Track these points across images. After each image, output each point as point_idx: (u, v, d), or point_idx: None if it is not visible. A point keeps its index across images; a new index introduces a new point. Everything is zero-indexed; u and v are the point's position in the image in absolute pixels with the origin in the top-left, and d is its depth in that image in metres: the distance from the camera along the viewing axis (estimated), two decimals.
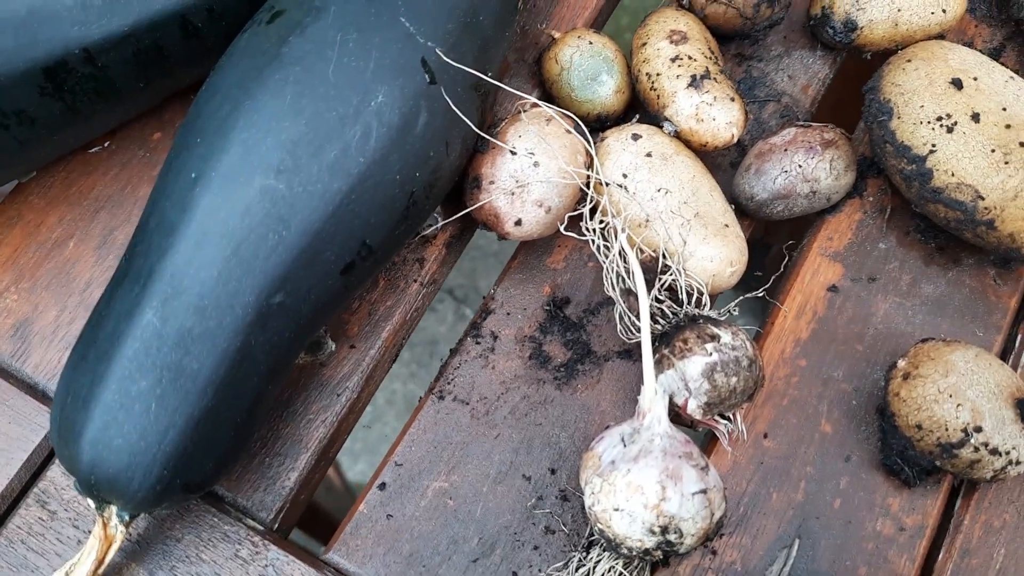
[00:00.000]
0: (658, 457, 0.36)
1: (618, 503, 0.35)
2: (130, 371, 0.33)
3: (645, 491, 0.35)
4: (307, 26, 0.36)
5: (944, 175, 0.41)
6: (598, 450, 0.37)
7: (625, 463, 0.36)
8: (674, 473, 0.35)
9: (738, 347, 0.38)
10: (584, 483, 0.37)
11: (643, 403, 0.38)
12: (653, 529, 0.35)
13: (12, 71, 0.38)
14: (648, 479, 0.35)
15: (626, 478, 0.35)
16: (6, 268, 0.44)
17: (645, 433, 0.37)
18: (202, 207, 0.34)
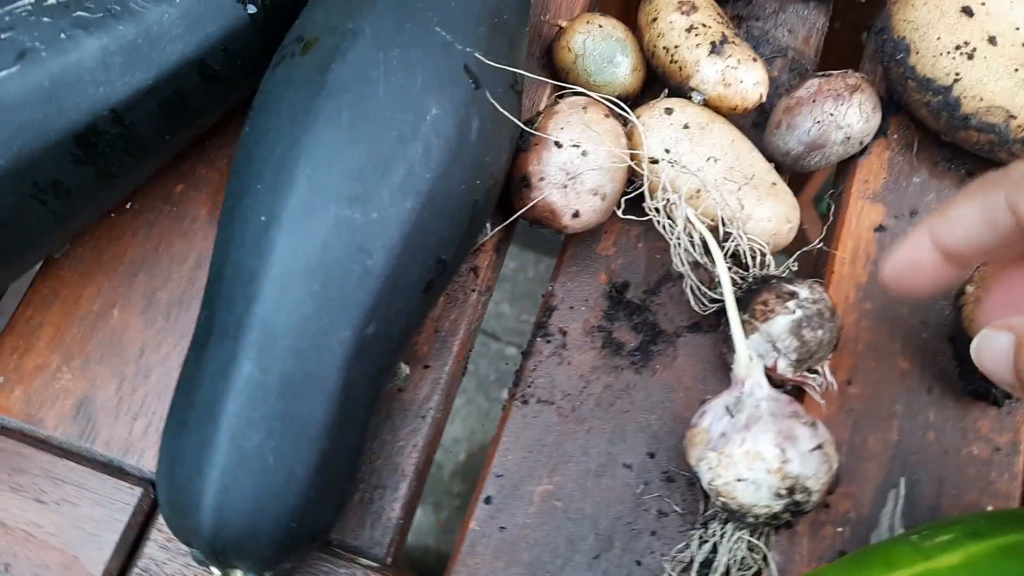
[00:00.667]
0: (768, 421, 0.36)
1: (740, 473, 0.35)
2: (240, 428, 0.32)
3: (765, 457, 0.35)
4: (346, 51, 0.35)
5: (973, 101, 0.42)
6: (704, 425, 0.37)
7: (738, 433, 0.36)
8: (788, 434, 0.35)
9: (818, 300, 0.39)
10: (696, 460, 0.37)
11: (738, 371, 0.38)
12: (780, 492, 0.35)
13: (45, 143, 0.36)
14: (765, 444, 0.35)
15: (743, 447, 0.35)
16: (53, 348, 0.43)
17: (749, 400, 0.37)
18: (280, 249, 0.33)
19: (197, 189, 0.46)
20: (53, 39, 0.36)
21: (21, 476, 0.40)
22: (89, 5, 0.37)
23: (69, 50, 0.36)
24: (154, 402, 0.42)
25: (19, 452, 0.41)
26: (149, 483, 0.41)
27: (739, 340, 0.38)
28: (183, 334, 0.43)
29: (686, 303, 0.44)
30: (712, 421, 0.37)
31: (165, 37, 0.39)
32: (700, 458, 0.37)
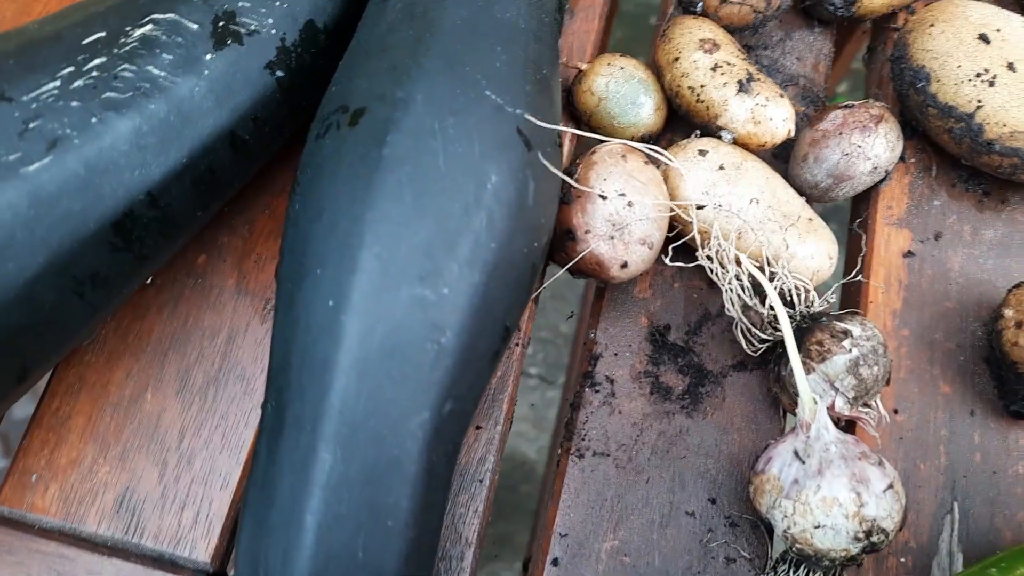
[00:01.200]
0: (840, 465, 0.36)
1: (818, 520, 0.35)
2: (327, 525, 0.31)
3: (842, 502, 0.35)
4: (400, 120, 0.34)
5: (996, 127, 0.43)
6: (773, 472, 0.38)
7: (811, 479, 0.36)
8: (861, 476, 0.36)
9: (871, 336, 0.39)
10: (768, 508, 0.37)
11: (803, 415, 0.38)
12: (858, 536, 0.35)
13: (84, 235, 0.34)
14: (841, 490, 0.35)
15: (819, 495, 0.36)
16: (86, 440, 0.41)
17: (817, 444, 0.37)
18: (353, 334, 0.32)
19: (221, 258, 0.45)
20: (84, 124, 0.34)
21: None
22: (118, 85, 0.35)
23: (102, 134, 0.35)
24: (201, 488, 0.40)
25: (61, 554, 0.39)
26: (204, 573, 0.39)
27: (802, 384, 0.38)
28: (223, 414, 0.41)
29: (728, 342, 0.45)
30: (781, 468, 0.37)
31: (197, 112, 0.37)
32: (772, 506, 0.37)
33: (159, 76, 0.36)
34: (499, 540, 1.17)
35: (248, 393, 0.42)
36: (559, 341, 1.33)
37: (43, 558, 0.39)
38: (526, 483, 1.24)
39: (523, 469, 1.23)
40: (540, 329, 1.31)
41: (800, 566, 0.37)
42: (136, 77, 0.36)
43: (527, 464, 1.25)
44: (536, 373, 1.30)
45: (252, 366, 0.42)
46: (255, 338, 0.43)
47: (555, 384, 1.31)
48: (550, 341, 1.31)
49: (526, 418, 1.27)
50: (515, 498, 1.21)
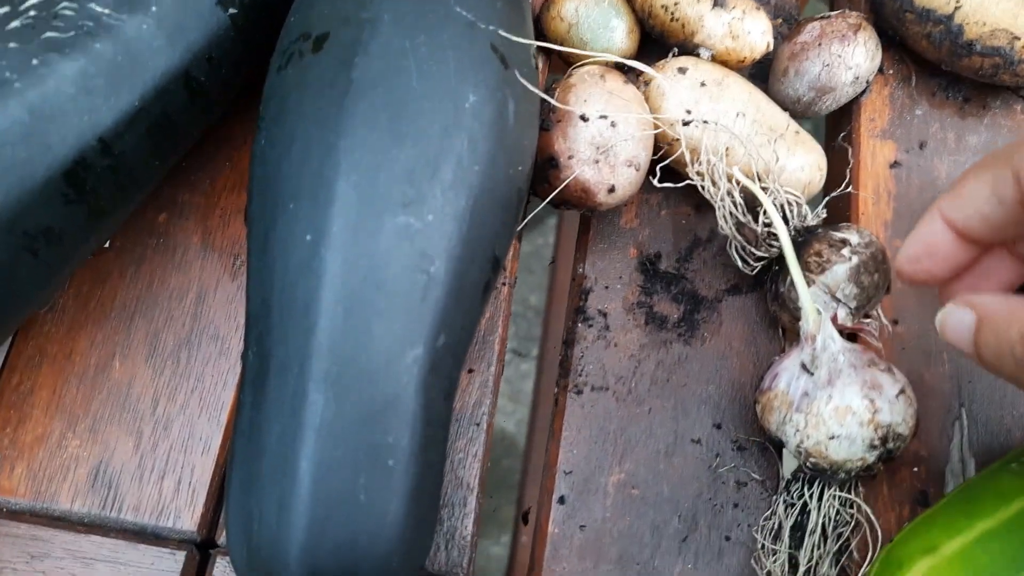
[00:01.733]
0: (851, 374, 0.35)
1: (832, 431, 0.34)
2: (322, 469, 0.29)
3: (855, 410, 0.34)
4: (367, 42, 0.32)
5: (976, 27, 0.42)
6: (781, 387, 0.36)
7: (822, 390, 0.35)
8: (873, 383, 0.35)
9: (869, 243, 0.38)
10: (777, 425, 0.36)
11: (807, 327, 0.37)
12: (874, 444, 0.34)
13: (33, 186, 0.31)
14: (854, 397, 0.34)
15: (831, 404, 0.34)
16: (51, 415, 0.38)
17: (824, 355, 0.36)
18: (335, 269, 0.30)
19: (183, 216, 0.42)
20: (24, 67, 0.32)
21: (43, 562, 0.36)
22: (59, 24, 0.33)
23: (45, 77, 0.32)
24: (180, 456, 0.38)
25: (35, 535, 0.36)
26: (192, 544, 0.37)
27: (804, 295, 0.37)
28: (199, 376, 0.39)
29: (721, 266, 0.43)
30: (789, 382, 0.36)
31: (147, 52, 0.34)
32: (783, 422, 0.36)
33: (102, 14, 0.34)
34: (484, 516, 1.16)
35: (223, 353, 0.39)
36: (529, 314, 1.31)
37: (15, 541, 0.36)
38: (507, 457, 1.23)
39: (503, 443, 1.22)
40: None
41: (814, 482, 0.36)
42: (77, 15, 0.33)
43: (506, 438, 1.24)
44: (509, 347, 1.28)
45: (225, 325, 0.40)
46: (226, 296, 0.41)
47: (528, 356, 1.29)
48: (520, 315, 1.30)
49: (502, 393, 1.25)
50: (497, 472, 1.20)
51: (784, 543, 0.37)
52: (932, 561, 0.32)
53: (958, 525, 0.33)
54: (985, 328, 0.30)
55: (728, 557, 0.38)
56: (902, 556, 0.33)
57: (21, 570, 0.36)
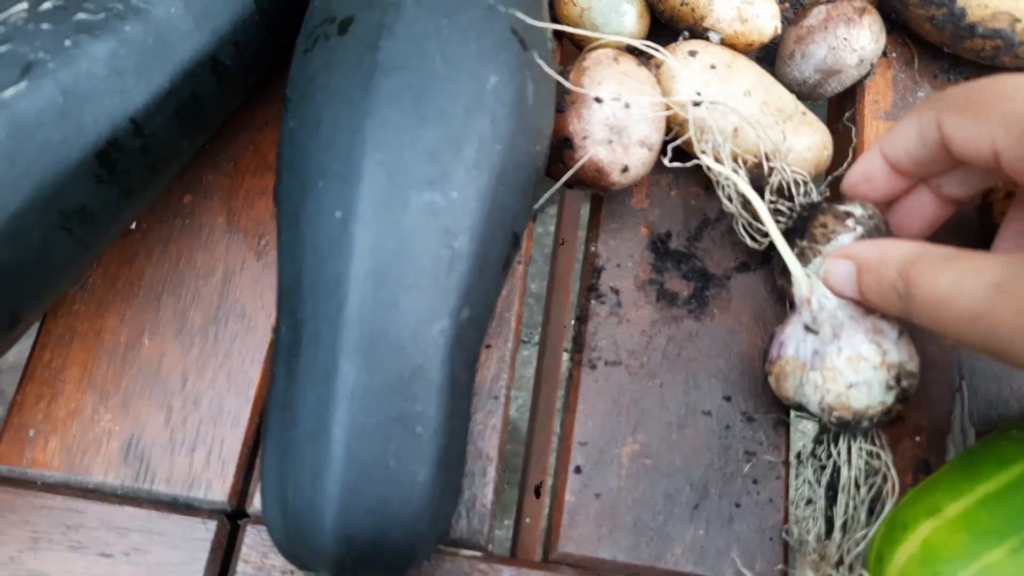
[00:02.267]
0: (853, 324, 0.36)
1: (849, 380, 0.36)
2: (356, 436, 0.30)
3: (866, 356, 0.36)
4: (392, 25, 0.33)
5: (978, 9, 0.44)
6: (791, 353, 0.37)
7: (831, 345, 0.36)
8: (875, 328, 0.36)
9: (873, 215, 0.39)
10: (795, 389, 0.37)
11: (800, 292, 0.38)
12: (889, 384, 0.36)
13: (68, 165, 0.33)
14: (862, 344, 0.36)
15: (843, 355, 0.36)
16: (83, 390, 0.39)
17: (823, 314, 0.37)
18: (364, 245, 0.31)
19: (208, 197, 0.43)
20: (57, 48, 0.33)
21: (78, 532, 0.37)
22: (89, 6, 0.34)
23: (77, 58, 0.33)
24: (210, 429, 0.39)
25: (70, 507, 0.37)
26: (222, 514, 0.38)
27: (792, 262, 0.38)
28: (226, 353, 0.40)
29: (730, 244, 0.45)
30: (797, 346, 0.37)
31: (175, 35, 0.35)
32: (800, 384, 0.37)
33: None
34: None
35: (250, 330, 0.41)
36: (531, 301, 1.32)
37: (50, 513, 0.37)
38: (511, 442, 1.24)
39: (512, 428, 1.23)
40: None
41: (839, 438, 0.37)
42: None
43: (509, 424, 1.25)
44: None
45: (252, 303, 0.41)
46: (252, 275, 0.42)
47: (530, 343, 1.31)
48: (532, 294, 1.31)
49: None
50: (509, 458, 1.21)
51: (819, 505, 0.38)
52: (936, 523, 0.34)
53: (960, 488, 0.34)
54: (864, 273, 0.35)
55: (738, 523, 0.39)
56: (907, 518, 0.35)
57: (57, 540, 0.37)
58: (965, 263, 0.31)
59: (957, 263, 0.31)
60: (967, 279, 0.30)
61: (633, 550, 0.38)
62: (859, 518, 0.37)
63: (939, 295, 0.31)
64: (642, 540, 0.39)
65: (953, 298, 0.30)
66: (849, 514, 0.37)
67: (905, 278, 0.32)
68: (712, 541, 0.39)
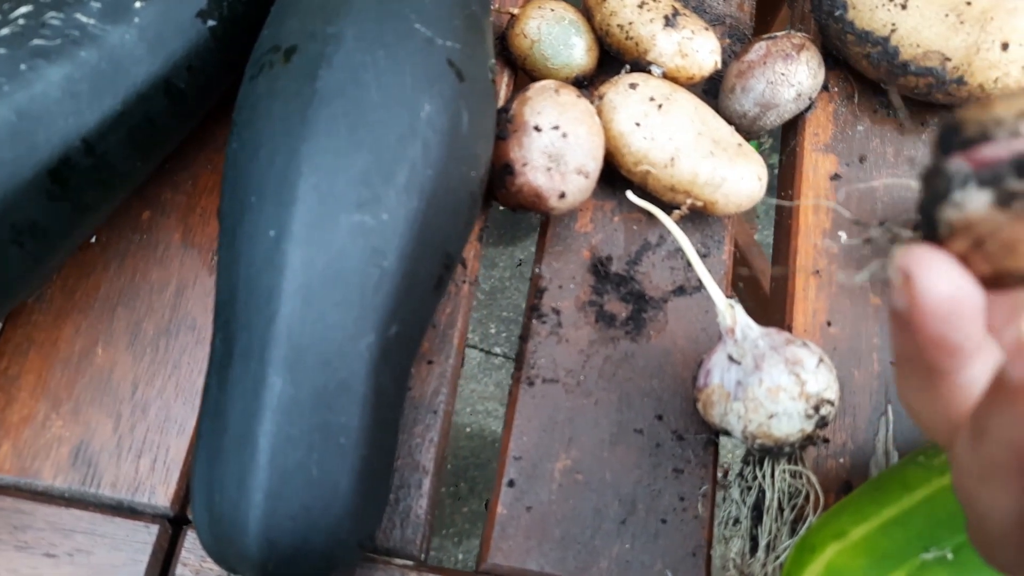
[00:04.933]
0: (773, 355, 0.38)
1: (769, 410, 0.37)
2: (280, 445, 0.32)
3: (785, 387, 0.37)
4: (331, 55, 0.35)
5: (910, 48, 0.45)
6: (716, 382, 0.39)
7: (752, 376, 0.38)
8: (794, 359, 0.37)
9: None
10: (721, 416, 0.39)
11: (724, 322, 0.39)
12: (808, 413, 0.37)
13: (20, 182, 0.34)
14: (781, 376, 0.37)
15: (763, 387, 0.37)
16: (37, 396, 0.41)
17: (746, 343, 0.38)
18: (296, 262, 0.33)
19: (165, 214, 0.45)
20: (13, 72, 0.34)
21: (25, 533, 0.38)
22: (46, 32, 0.36)
23: (32, 81, 0.35)
24: (157, 436, 0.41)
25: (18, 508, 0.39)
26: (164, 519, 0.39)
27: (716, 294, 0.40)
28: (176, 363, 0.42)
29: (668, 269, 0.46)
30: (722, 375, 0.39)
31: (129, 59, 0.37)
32: (725, 413, 0.38)
33: (88, 24, 0.37)
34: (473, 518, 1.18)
35: (200, 342, 0.42)
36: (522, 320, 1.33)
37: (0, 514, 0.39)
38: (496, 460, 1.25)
39: (494, 447, 1.24)
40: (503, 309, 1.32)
41: (763, 461, 0.39)
42: (64, 25, 0.36)
43: (497, 441, 1.26)
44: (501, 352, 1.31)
45: (203, 316, 0.43)
46: (204, 289, 0.43)
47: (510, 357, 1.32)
48: (513, 320, 1.32)
49: (492, 396, 1.28)
50: (486, 475, 1.22)
51: (744, 525, 0.39)
52: (840, 545, 0.35)
53: (866, 512, 0.36)
54: None
55: (663, 538, 0.40)
56: (815, 541, 0.36)
57: (5, 540, 0.38)
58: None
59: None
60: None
61: (560, 562, 0.40)
62: (782, 536, 0.39)
63: None
64: (569, 553, 0.40)
65: None
66: (773, 533, 0.39)
67: None
68: (637, 556, 0.40)
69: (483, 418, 1.25)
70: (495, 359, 1.31)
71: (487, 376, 1.29)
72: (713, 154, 0.43)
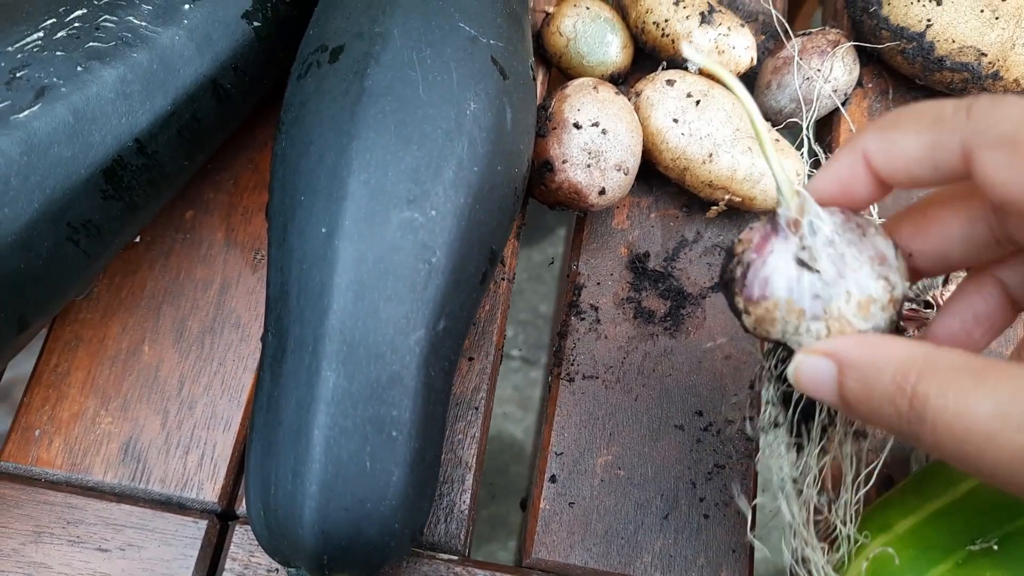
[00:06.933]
0: (856, 255, 0.29)
1: (858, 327, 0.29)
2: (334, 438, 0.32)
3: (876, 297, 0.29)
4: (379, 54, 0.36)
5: (946, 44, 0.46)
6: (779, 294, 0.29)
7: (835, 287, 0.29)
8: (880, 256, 0.29)
9: None
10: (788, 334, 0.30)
11: (788, 212, 0.29)
12: (893, 319, 0.29)
13: (76, 181, 0.35)
14: (870, 283, 0.29)
15: (852, 301, 0.28)
16: (86, 393, 0.42)
17: (818, 242, 0.29)
18: (347, 258, 0.33)
19: (208, 213, 0.45)
20: (70, 73, 0.35)
21: (77, 528, 0.39)
22: (100, 35, 0.36)
23: (88, 83, 0.35)
24: (204, 433, 0.41)
25: (70, 504, 0.40)
26: (212, 513, 0.40)
27: (779, 171, 0.30)
28: (221, 361, 0.42)
29: (705, 265, 0.46)
30: (790, 286, 0.29)
31: (179, 61, 0.38)
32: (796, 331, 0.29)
33: (140, 26, 0.37)
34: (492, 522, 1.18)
35: (244, 340, 0.43)
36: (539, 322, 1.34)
37: (51, 508, 0.39)
38: (516, 464, 1.25)
39: (512, 450, 1.24)
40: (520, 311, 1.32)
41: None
42: (117, 27, 0.37)
43: (515, 445, 1.26)
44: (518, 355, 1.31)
45: (246, 314, 0.43)
46: (247, 287, 0.44)
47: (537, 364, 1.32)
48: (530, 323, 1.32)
49: (511, 399, 1.28)
50: (505, 480, 1.22)
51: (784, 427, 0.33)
52: (886, 539, 0.35)
53: (911, 506, 0.36)
54: (848, 378, 0.27)
55: (705, 533, 0.41)
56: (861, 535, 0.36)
57: (58, 534, 0.39)
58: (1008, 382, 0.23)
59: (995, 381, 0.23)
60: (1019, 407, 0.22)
61: (604, 557, 0.40)
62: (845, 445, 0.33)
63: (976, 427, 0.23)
64: (613, 547, 0.40)
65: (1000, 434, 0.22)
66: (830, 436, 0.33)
67: (910, 394, 0.24)
68: (680, 550, 0.40)
69: (500, 421, 1.25)
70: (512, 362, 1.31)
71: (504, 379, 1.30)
72: (751, 149, 0.44)
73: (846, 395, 0.27)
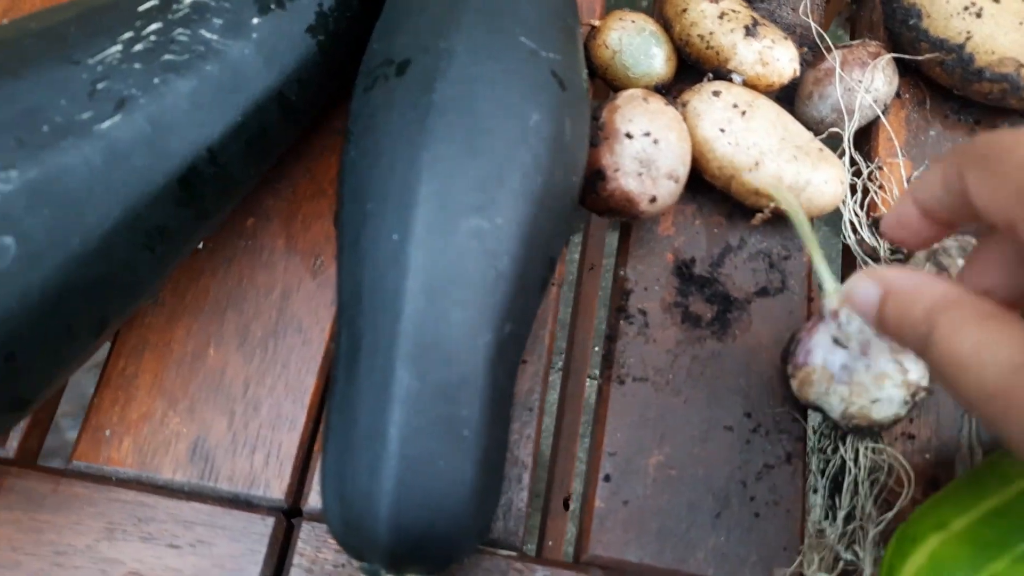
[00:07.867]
0: (878, 342, 0.38)
1: (873, 396, 0.38)
2: (408, 436, 0.33)
3: (890, 375, 0.38)
4: (445, 69, 0.37)
5: (985, 55, 0.47)
6: (817, 362, 0.39)
7: (858, 362, 0.39)
8: (898, 348, 0.38)
9: None
10: (818, 396, 0.40)
11: (830, 304, 0.39)
12: (906, 400, 0.39)
13: (154, 189, 0.36)
14: (887, 364, 0.38)
15: (869, 373, 0.38)
16: (154, 396, 0.43)
17: (850, 328, 0.38)
18: (419, 264, 0.34)
19: (268, 220, 0.47)
20: (147, 84, 0.37)
21: (149, 525, 0.40)
22: (175, 48, 0.38)
23: (164, 94, 0.37)
24: (269, 433, 0.42)
25: (141, 502, 0.41)
26: (279, 511, 0.41)
27: (826, 275, 0.39)
28: (284, 363, 0.44)
29: (750, 271, 0.48)
30: (825, 357, 0.39)
31: (248, 73, 0.39)
32: (827, 392, 0.39)
33: (212, 39, 0.39)
34: None
35: (306, 343, 0.44)
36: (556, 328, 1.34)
37: (123, 506, 0.41)
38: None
39: None
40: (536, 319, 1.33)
41: (846, 438, 0.41)
42: (191, 41, 0.38)
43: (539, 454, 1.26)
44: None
45: (308, 318, 0.45)
46: (308, 293, 0.45)
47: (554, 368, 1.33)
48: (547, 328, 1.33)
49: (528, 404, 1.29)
50: None
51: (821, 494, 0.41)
52: (943, 536, 0.36)
53: (966, 504, 0.37)
54: (890, 302, 0.32)
55: (757, 532, 0.42)
56: (915, 533, 0.37)
57: (130, 531, 0.40)
58: (997, 328, 0.27)
59: (988, 326, 0.28)
60: (992, 348, 0.27)
61: (658, 554, 0.41)
62: (866, 507, 0.40)
63: (958, 357, 0.28)
64: (667, 545, 0.41)
65: (972, 365, 0.27)
66: (855, 503, 0.40)
67: (931, 323, 0.29)
68: (733, 548, 0.41)
69: None
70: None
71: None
72: (796, 158, 0.45)
73: (884, 314, 0.32)
